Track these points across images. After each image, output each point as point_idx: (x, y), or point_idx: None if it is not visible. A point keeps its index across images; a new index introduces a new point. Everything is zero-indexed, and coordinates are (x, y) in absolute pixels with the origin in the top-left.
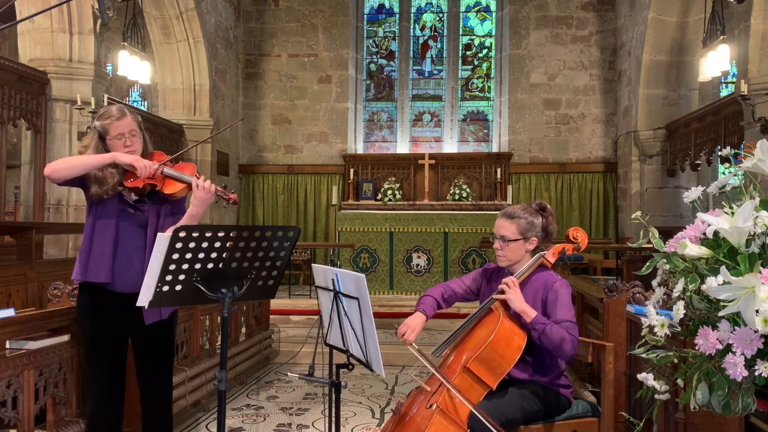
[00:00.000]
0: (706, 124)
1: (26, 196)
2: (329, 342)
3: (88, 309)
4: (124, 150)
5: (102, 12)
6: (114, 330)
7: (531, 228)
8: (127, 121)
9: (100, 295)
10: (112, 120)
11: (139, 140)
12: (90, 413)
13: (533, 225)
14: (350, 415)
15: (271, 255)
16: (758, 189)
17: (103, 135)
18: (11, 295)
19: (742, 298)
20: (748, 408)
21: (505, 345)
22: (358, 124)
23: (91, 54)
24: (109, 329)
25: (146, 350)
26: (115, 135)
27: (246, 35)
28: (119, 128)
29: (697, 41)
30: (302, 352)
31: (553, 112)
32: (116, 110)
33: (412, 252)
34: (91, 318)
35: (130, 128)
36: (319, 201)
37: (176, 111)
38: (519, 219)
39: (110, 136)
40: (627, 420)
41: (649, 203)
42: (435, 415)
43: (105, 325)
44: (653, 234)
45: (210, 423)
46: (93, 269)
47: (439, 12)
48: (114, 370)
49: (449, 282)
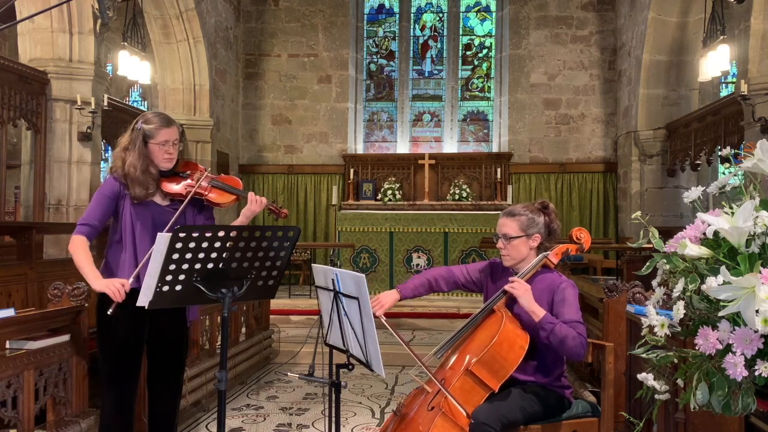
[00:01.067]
0: (706, 124)
1: (26, 196)
2: (329, 342)
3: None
4: (165, 157)
5: (102, 12)
6: (138, 332)
7: (532, 224)
8: (174, 130)
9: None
10: (162, 126)
11: (177, 150)
12: (107, 416)
13: (535, 221)
14: (350, 415)
15: (271, 255)
16: (758, 189)
17: (147, 138)
18: (11, 295)
19: (742, 298)
20: (748, 408)
21: (508, 347)
22: (358, 124)
23: (91, 54)
24: (134, 332)
25: (162, 352)
26: (161, 141)
27: (246, 35)
28: (166, 135)
29: (697, 41)
30: (302, 352)
31: (553, 112)
32: (164, 117)
33: (412, 252)
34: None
35: (175, 137)
36: (319, 201)
37: (176, 111)
38: (520, 216)
39: (155, 141)
40: (627, 420)
41: (649, 203)
42: (437, 418)
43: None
44: (653, 234)
45: (210, 423)
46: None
47: (439, 12)
48: (135, 373)
49: (453, 267)
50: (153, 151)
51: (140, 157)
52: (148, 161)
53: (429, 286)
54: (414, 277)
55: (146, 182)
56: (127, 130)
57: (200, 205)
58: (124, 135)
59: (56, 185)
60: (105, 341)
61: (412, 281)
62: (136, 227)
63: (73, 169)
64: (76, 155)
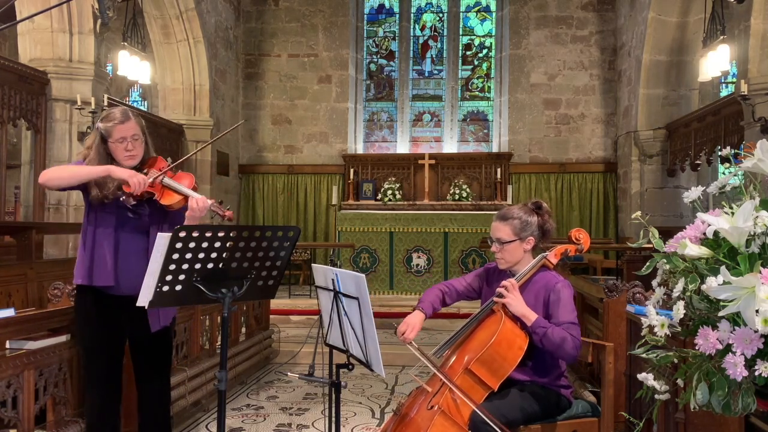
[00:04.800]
0: (706, 124)
1: (26, 196)
2: (329, 342)
3: (88, 312)
4: (126, 154)
5: (102, 12)
6: (114, 333)
7: (526, 227)
8: (131, 125)
9: (101, 298)
10: (115, 123)
11: (141, 145)
12: (90, 416)
13: (528, 224)
14: (350, 415)
15: (271, 255)
16: (758, 189)
17: (105, 137)
18: (11, 295)
19: (742, 298)
20: (748, 408)
21: (507, 347)
22: (358, 124)
23: (91, 54)
24: (109, 332)
25: (145, 352)
26: (117, 138)
27: (246, 35)
28: (122, 132)
29: (697, 41)
30: (302, 352)
31: (553, 112)
32: (120, 113)
33: (412, 252)
34: (92, 321)
35: (133, 132)
36: (319, 201)
37: (176, 111)
38: (513, 220)
39: (112, 139)
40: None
41: (649, 203)
42: (436, 417)
43: (105, 328)
44: (653, 234)
45: (210, 423)
46: (98, 273)
47: (439, 12)
48: (114, 372)
49: (451, 280)
50: (113, 149)
51: (98, 157)
52: (109, 161)
53: (441, 301)
54: (424, 297)
55: (102, 183)
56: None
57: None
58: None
59: None
60: (83, 342)
61: (426, 299)
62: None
63: None
64: (76, 155)
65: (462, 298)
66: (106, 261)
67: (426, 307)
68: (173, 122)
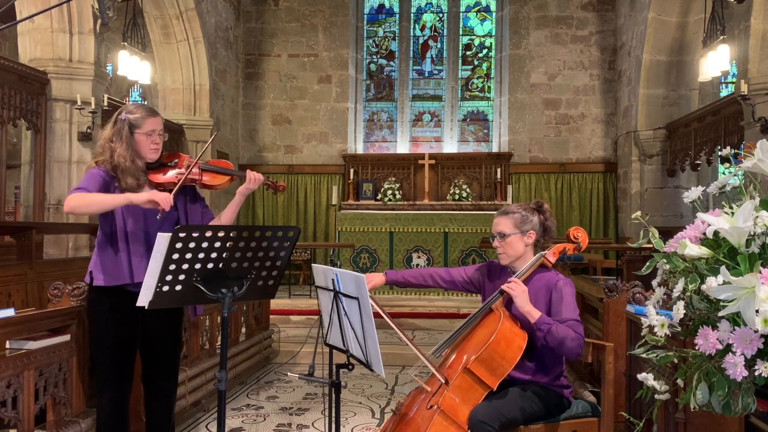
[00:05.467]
0: (706, 124)
1: (26, 196)
2: (329, 342)
3: (108, 310)
4: (152, 147)
5: (102, 12)
6: (131, 332)
7: (526, 221)
8: (160, 119)
9: (120, 297)
10: (148, 116)
11: (162, 140)
12: (103, 414)
13: (528, 219)
14: (350, 415)
15: (271, 255)
16: (758, 189)
17: (133, 129)
18: (11, 295)
19: (742, 298)
20: (748, 408)
21: (506, 346)
22: (358, 124)
23: (91, 54)
24: (127, 331)
25: (157, 350)
26: (147, 131)
27: (246, 35)
28: (152, 124)
29: (697, 41)
30: (302, 352)
31: (553, 112)
32: (148, 107)
33: (412, 252)
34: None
35: (161, 127)
36: (319, 201)
37: (176, 111)
38: (514, 214)
39: (141, 131)
40: (627, 420)
41: (649, 203)
42: (435, 416)
43: (123, 328)
44: (653, 234)
45: (210, 423)
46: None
47: (439, 12)
48: (129, 372)
49: (452, 269)
50: (139, 141)
51: (128, 148)
52: (135, 152)
53: (422, 279)
54: (410, 270)
55: (137, 173)
56: (109, 122)
57: (192, 192)
58: (107, 127)
59: (56, 185)
60: (98, 342)
61: (409, 271)
62: (128, 222)
63: (73, 169)
64: (76, 155)
65: (456, 288)
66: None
67: (395, 275)
68: (173, 122)
